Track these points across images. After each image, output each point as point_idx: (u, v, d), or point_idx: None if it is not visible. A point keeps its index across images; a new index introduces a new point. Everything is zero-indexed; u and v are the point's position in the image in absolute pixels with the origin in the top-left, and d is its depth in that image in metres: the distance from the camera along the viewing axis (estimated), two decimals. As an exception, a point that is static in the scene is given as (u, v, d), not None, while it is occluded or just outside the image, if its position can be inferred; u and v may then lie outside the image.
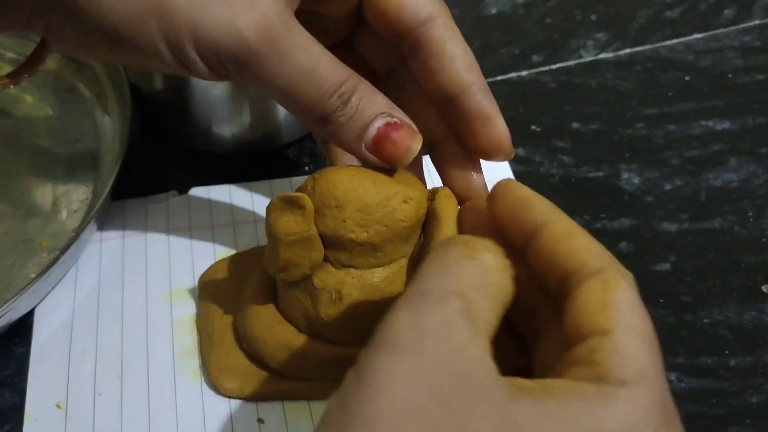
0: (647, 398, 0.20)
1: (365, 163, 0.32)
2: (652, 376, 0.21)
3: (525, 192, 0.26)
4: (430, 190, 0.33)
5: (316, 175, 0.32)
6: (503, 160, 0.33)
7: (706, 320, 0.40)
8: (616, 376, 0.21)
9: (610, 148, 0.49)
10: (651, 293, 0.41)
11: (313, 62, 0.29)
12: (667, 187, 0.47)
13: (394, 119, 0.30)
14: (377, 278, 0.32)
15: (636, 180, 0.47)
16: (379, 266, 0.32)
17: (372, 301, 0.32)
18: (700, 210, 0.46)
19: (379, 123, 0.30)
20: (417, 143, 0.31)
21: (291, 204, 0.31)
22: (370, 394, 0.19)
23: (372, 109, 0.30)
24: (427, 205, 0.33)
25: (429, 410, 0.19)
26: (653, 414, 0.20)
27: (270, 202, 0.31)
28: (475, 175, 0.34)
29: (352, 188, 0.31)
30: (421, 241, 0.33)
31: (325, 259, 0.32)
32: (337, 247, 0.32)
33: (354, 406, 0.19)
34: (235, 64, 0.29)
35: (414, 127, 0.31)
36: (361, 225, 0.31)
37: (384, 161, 0.31)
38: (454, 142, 0.34)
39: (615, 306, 0.22)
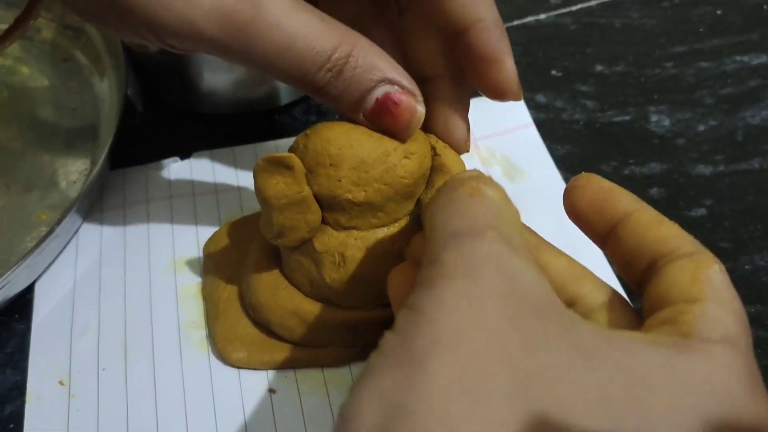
0: (732, 358, 0.20)
1: None
2: (740, 342, 0.20)
3: (607, 183, 0.25)
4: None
5: (309, 132, 0.29)
6: (512, 100, 0.30)
7: (747, 267, 0.37)
8: (701, 335, 0.20)
9: (637, 90, 0.46)
10: (686, 241, 0.38)
11: (289, 40, 0.26)
12: (700, 128, 0.44)
13: (394, 88, 0.28)
14: (382, 238, 0.30)
15: (666, 122, 0.44)
16: (382, 226, 0.30)
17: (379, 261, 0.30)
18: (737, 150, 0.42)
19: (378, 93, 0.28)
20: (419, 116, 0.28)
21: (278, 165, 0.28)
22: (433, 319, 0.19)
23: (370, 76, 0.27)
24: (431, 159, 0.30)
25: (498, 330, 0.18)
26: (736, 374, 0.19)
27: (255, 165, 0.29)
28: (459, 125, 0.31)
29: (347, 144, 0.28)
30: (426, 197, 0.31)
31: (324, 221, 0.30)
32: (334, 209, 0.29)
33: (416, 333, 0.18)
34: (203, 50, 0.27)
35: (418, 96, 0.28)
36: (358, 184, 0.28)
37: (383, 132, 0.29)
38: (448, 84, 0.31)
39: (706, 281, 0.21)
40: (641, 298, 0.23)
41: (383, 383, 0.18)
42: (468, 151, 0.31)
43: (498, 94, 0.30)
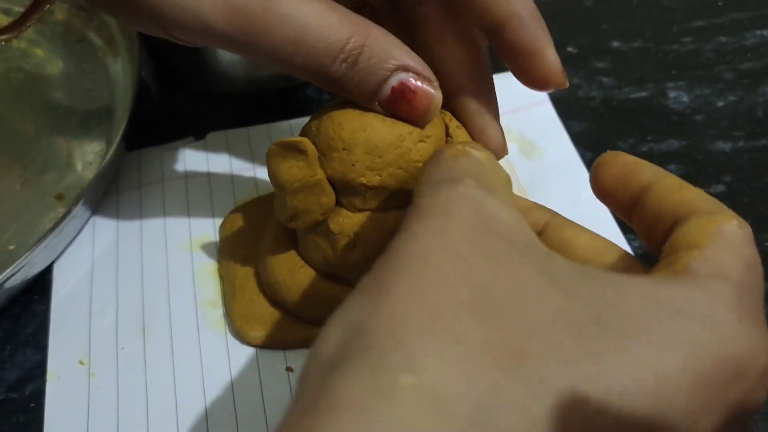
0: (722, 289, 0.19)
1: None
2: (739, 279, 0.20)
3: (632, 158, 0.25)
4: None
5: (321, 114, 0.29)
6: (557, 88, 0.30)
7: (766, 244, 0.37)
8: (692, 271, 0.20)
9: (655, 66, 0.46)
10: (705, 218, 0.38)
11: (302, 32, 0.26)
12: (720, 103, 0.43)
13: (410, 75, 0.27)
14: (398, 220, 0.30)
15: (684, 98, 0.44)
16: (399, 207, 0.30)
17: None
18: (757, 126, 0.42)
19: (393, 82, 0.27)
20: (436, 103, 0.28)
21: (291, 149, 0.28)
22: (400, 250, 0.19)
23: (385, 65, 0.27)
24: (445, 141, 0.30)
25: (464, 255, 0.19)
26: (726, 304, 0.19)
27: (268, 150, 0.29)
28: (495, 134, 0.31)
29: (360, 128, 0.28)
30: None
31: (339, 203, 0.30)
32: (348, 192, 0.29)
33: (384, 265, 0.19)
34: (211, 44, 0.27)
35: (434, 81, 0.28)
36: (372, 168, 0.28)
37: (401, 120, 0.28)
38: (476, 94, 0.30)
39: (717, 231, 0.21)
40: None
41: (348, 311, 0.19)
42: (506, 154, 0.31)
43: (543, 84, 0.29)
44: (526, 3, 0.28)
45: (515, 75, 0.29)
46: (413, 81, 0.27)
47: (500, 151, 0.31)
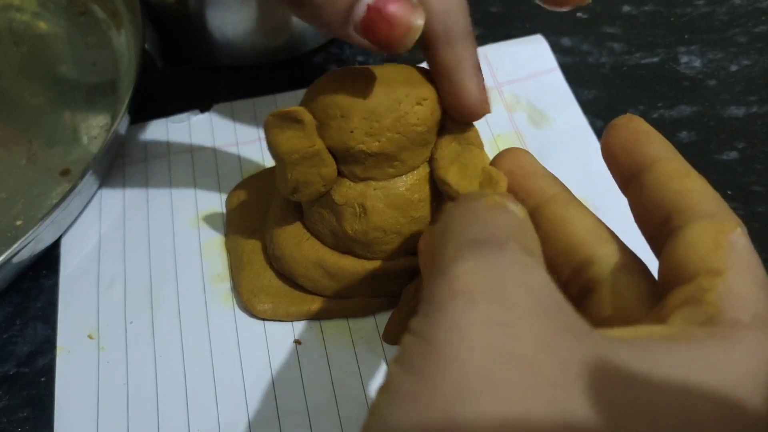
0: (765, 344, 0.18)
1: (376, 63, 0.29)
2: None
3: (646, 126, 0.23)
4: None
5: (317, 83, 0.28)
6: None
7: (780, 211, 0.36)
8: (731, 316, 0.18)
9: (666, 30, 0.45)
10: (717, 184, 0.37)
11: None
12: (733, 68, 0.42)
13: None
14: (402, 187, 0.29)
15: (697, 63, 0.43)
16: (400, 175, 0.29)
17: (400, 210, 0.30)
18: (771, 91, 0.41)
19: (368, 0, 0.24)
20: (419, 19, 0.24)
21: (288, 119, 0.28)
22: (458, 357, 0.16)
23: None
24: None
25: (530, 358, 0.16)
26: None
27: (265, 120, 0.28)
28: (468, 88, 0.28)
29: (357, 93, 0.27)
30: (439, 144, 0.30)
31: (341, 173, 0.30)
32: (349, 161, 0.29)
33: (432, 368, 0.16)
34: None
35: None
36: (371, 134, 0.28)
37: (379, 46, 0.25)
38: (448, 46, 0.27)
39: (729, 247, 0.19)
40: (656, 255, 0.22)
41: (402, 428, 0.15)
42: (488, 112, 0.28)
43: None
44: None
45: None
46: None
47: (480, 109, 0.28)
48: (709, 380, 0.17)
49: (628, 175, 0.23)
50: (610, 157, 0.24)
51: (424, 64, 0.29)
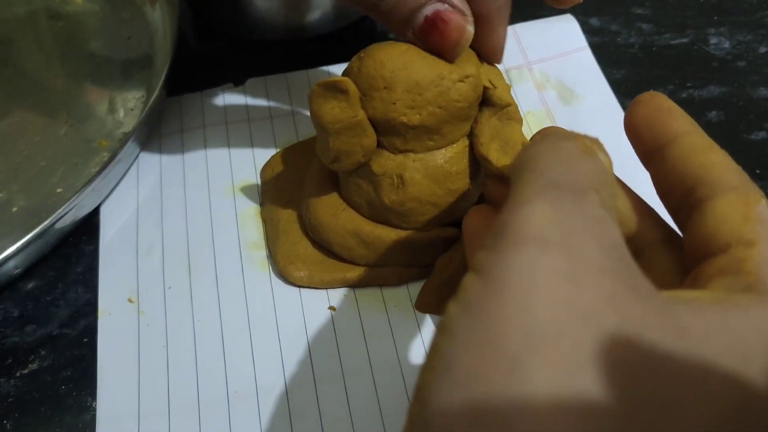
0: None
1: None
2: None
3: (669, 103, 0.24)
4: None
5: (362, 54, 0.29)
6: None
7: (808, 189, 0.36)
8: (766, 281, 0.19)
9: (696, 11, 0.45)
10: (745, 164, 0.37)
11: None
12: (762, 49, 0.43)
13: (444, 6, 0.28)
14: (440, 159, 0.30)
15: (726, 44, 0.43)
16: (439, 148, 0.30)
17: (437, 183, 0.30)
18: (801, 72, 0.41)
19: (427, 11, 0.27)
20: (468, 35, 0.28)
21: (333, 89, 0.28)
22: (524, 305, 0.16)
23: None
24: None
25: (597, 312, 0.16)
26: None
27: (311, 90, 0.29)
28: (499, 35, 0.30)
29: (402, 67, 0.28)
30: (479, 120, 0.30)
31: (380, 145, 0.30)
32: (389, 132, 0.29)
33: (499, 314, 0.16)
34: None
35: (468, 13, 0.28)
36: (413, 107, 0.28)
37: (432, 51, 0.29)
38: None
39: (758, 219, 0.20)
40: (678, 226, 0.23)
41: (471, 384, 0.15)
42: (500, 62, 0.31)
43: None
44: None
45: None
46: (447, 12, 0.27)
47: (498, 57, 0.30)
48: (759, 342, 0.17)
49: (651, 150, 0.24)
50: (633, 131, 0.25)
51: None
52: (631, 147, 0.25)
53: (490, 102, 0.30)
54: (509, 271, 0.16)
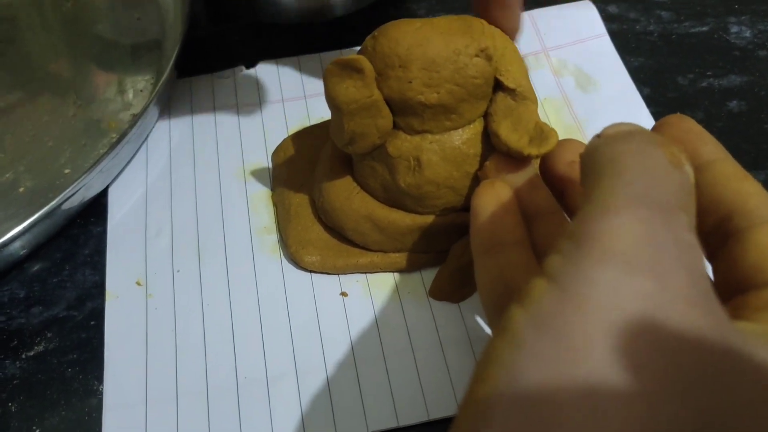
0: None
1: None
2: None
3: (698, 127, 0.23)
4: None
5: (377, 33, 0.28)
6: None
7: (832, 181, 0.36)
8: None
9: (716, 0, 0.44)
10: (767, 154, 0.37)
11: None
12: (784, 39, 0.42)
13: None
14: (458, 141, 0.29)
15: (747, 33, 0.42)
16: (456, 128, 0.29)
17: (455, 165, 0.29)
18: (824, 62, 0.40)
19: None
20: None
21: (348, 68, 0.28)
22: (600, 318, 0.15)
23: None
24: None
25: (683, 349, 0.15)
26: None
27: (326, 69, 0.28)
28: (514, 14, 0.30)
29: (416, 44, 0.27)
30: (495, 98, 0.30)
31: (396, 126, 0.29)
32: (406, 113, 0.29)
33: (573, 332, 0.15)
34: None
35: None
36: (430, 85, 0.28)
37: None
38: None
39: None
40: (708, 256, 0.22)
41: (540, 407, 0.15)
42: (514, 37, 0.30)
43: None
44: None
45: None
46: None
47: (514, 32, 0.30)
48: None
49: None
50: None
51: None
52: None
53: (503, 86, 0.29)
54: (591, 287, 0.16)
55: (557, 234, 0.26)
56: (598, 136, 0.21)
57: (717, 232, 0.22)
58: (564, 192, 0.27)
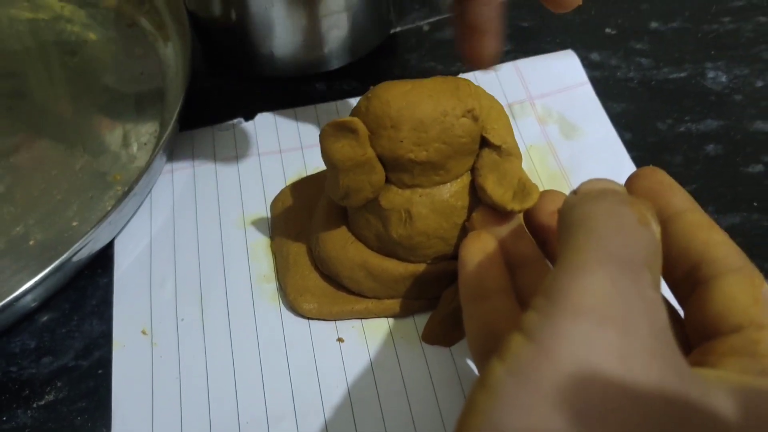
0: None
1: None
2: None
3: (669, 179, 0.25)
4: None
5: (369, 94, 0.30)
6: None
7: (805, 222, 0.37)
8: None
9: (694, 46, 0.46)
10: (744, 196, 0.38)
11: None
12: (759, 83, 0.44)
13: None
14: (446, 194, 0.31)
15: (723, 78, 0.44)
16: (445, 182, 0.31)
17: (444, 216, 0.31)
18: (796, 106, 0.42)
19: None
20: None
21: (343, 129, 0.30)
22: (571, 370, 0.16)
23: None
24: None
25: (646, 395, 0.17)
26: None
27: (321, 130, 0.30)
28: (490, 44, 0.32)
29: (407, 106, 0.29)
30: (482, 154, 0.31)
31: (388, 180, 0.31)
32: (397, 169, 0.31)
33: (547, 382, 0.17)
34: None
35: None
36: (419, 144, 0.29)
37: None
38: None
39: (765, 301, 0.21)
40: (680, 302, 0.24)
41: None
42: (489, 68, 0.33)
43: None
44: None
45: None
46: None
47: (489, 62, 0.32)
48: None
49: None
50: None
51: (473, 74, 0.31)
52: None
53: (489, 142, 0.31)
54: (563, 340, 0.17)
55: (539, 282, 0.27)
56: (574, 192, 0.22)
57: (687, 280, 0.23)
58: (546, 241, 0.29)
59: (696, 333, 0.23)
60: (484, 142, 0.31)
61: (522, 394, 0.17)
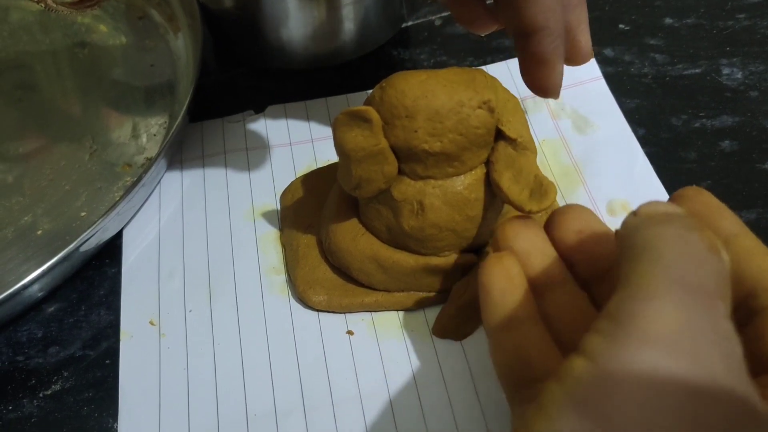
0: None
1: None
2: None
3: (716, 201, 0.24)
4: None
5: (384, 84, 0.30)
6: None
7: (822, 219, 0.37)
8: None
9: (709, 42, 0.46)
10: (759, 193, 0.38)
11: None
12: (775, 80, 0.43)
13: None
14: (459, 186, 0.31)
15: (738, 75, 0.44)
16: (458, 175, 0.31)
17: (456, 209, 0.31)
18: (813, 103, 0.42)
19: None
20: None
21: (356, 118, 0.29)
22: (638, 400, 0.16)
23: None
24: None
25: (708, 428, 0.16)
26: None
27: (335, 119, 0.30)
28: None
29: (422, 95, 0.29)
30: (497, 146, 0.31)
31: (401, 171, 0.31)
32: (411, 159, 0.30)
33: (610, 413, 0.16)
34: None
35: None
36: (434, 134, 0.29)
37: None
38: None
39: None
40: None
41: None
42: (557, 98, 0.31)
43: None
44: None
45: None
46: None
47: (555, 93, 0.31)
48: None
49: None
50: None
51: (486, 67, 0.30)
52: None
53: (504, 135, 0.30)
54: (630, 367, 0.16)
55: (571, 305, 0.26)
56: (634, 213, 0.21)
57: (742, 308, 0.22)
58: (573, 261, 0.27)
59: (753, 363, 0.21)
60: (499, 135, 0.30)
61: (584, 420, 0.16)
